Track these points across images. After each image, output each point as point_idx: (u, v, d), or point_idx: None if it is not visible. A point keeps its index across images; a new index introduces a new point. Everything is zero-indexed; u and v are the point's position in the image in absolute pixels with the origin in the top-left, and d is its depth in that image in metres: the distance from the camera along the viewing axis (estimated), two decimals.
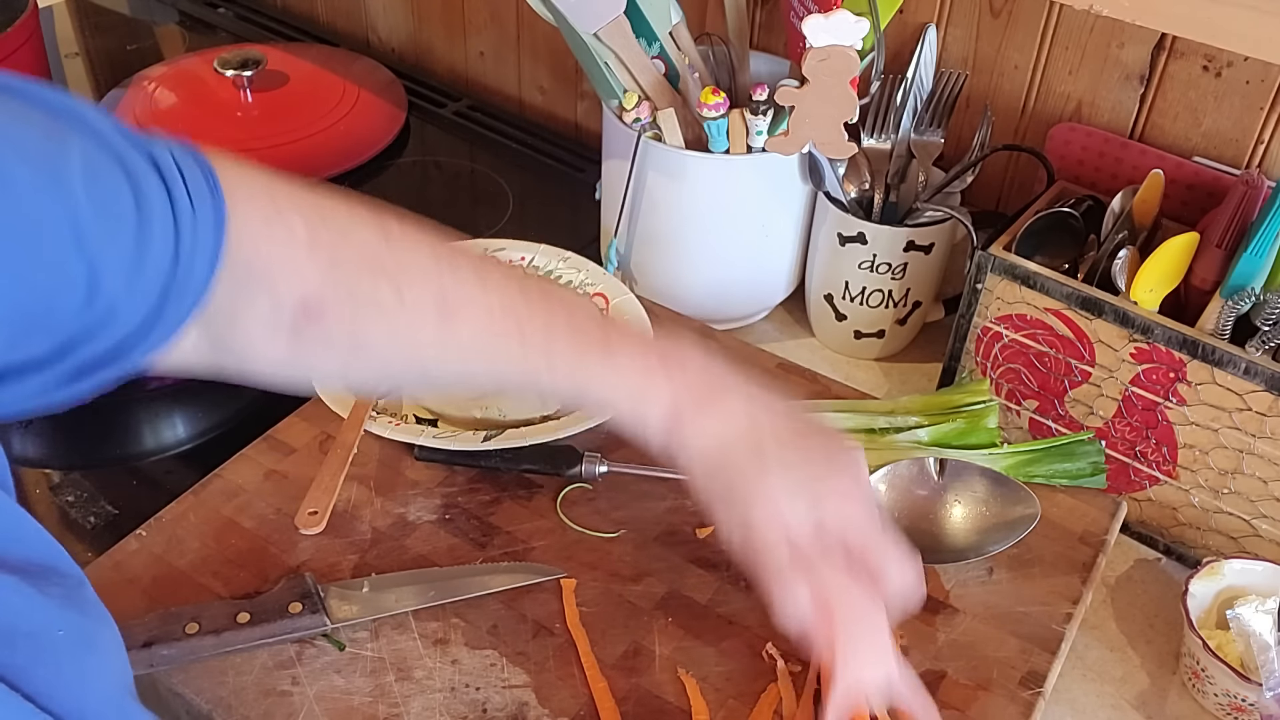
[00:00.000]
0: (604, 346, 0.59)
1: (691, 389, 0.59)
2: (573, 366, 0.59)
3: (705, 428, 0.59)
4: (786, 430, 0.60)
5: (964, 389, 0.88)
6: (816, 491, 0.59)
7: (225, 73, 1.24)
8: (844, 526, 0.59)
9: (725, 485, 0.59)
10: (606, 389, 0.59)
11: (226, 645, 0.69)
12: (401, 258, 0.56)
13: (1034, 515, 0.79)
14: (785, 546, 0.58)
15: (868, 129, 1.00)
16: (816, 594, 0.58)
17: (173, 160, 0.50)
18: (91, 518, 0.84)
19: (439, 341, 0.58)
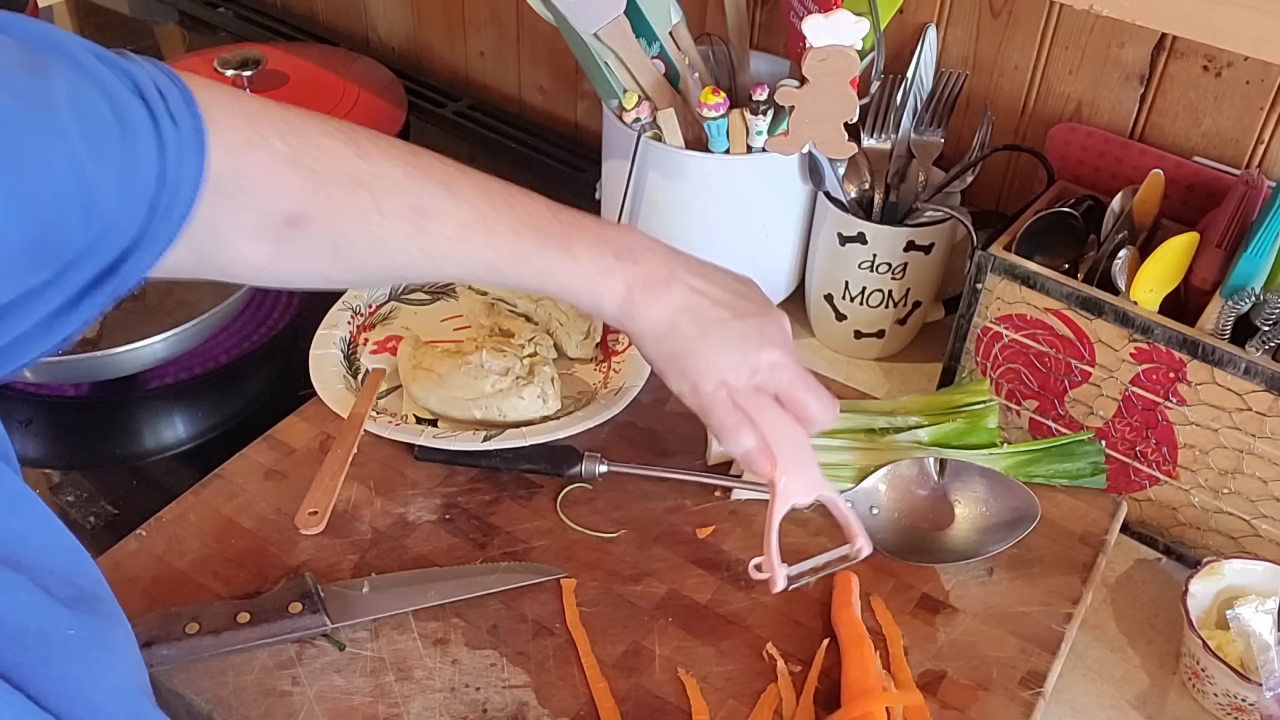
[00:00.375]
0: (564, 243, 0.65)
1: (642, 275, 0.66)
2: (536, 263, 0.64)
3: (654, 304, 0.66)
4: (722, 296, 0.68)
5: (964, 389, 0.88)
6: (750, 345, 0.68)
7: (225, 73, 1.24)
8: (774, 371, 0.68)
9: (672, 350, 0.67)
10: (567, 280, 0.65)
11: (226, 645, 0.69)
12: (377, 169, 0.60)
13: (1034, 515, 0.79)
14: (725, 393, 0.67)
15: (868, 129, 1.00)
16: (757, 432, 0.68)
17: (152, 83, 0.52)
18: (91, 518, 0.84)
19: (415, 247, 0.62)
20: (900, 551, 0.80)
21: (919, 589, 0.77)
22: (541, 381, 0.85)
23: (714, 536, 0.80)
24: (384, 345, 0.92)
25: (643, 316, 0.66)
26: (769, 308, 0.71)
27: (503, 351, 0.86)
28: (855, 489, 0.82)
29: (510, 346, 0.87)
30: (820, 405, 0.69)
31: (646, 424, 0.88)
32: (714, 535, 0.80)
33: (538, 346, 0.88)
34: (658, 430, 0.87)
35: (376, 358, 0.91)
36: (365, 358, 0.91)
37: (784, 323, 0.70)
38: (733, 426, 0.67)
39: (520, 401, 0.84)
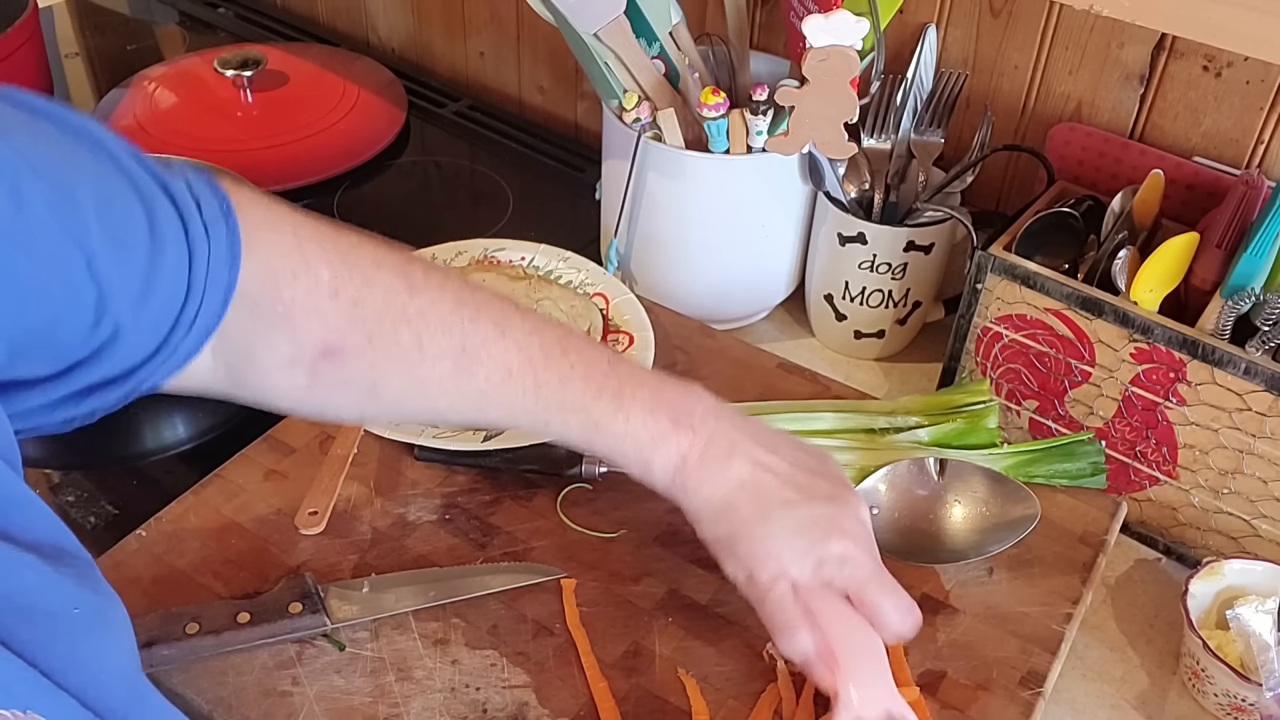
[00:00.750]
0: (616, 401, 0.61)
1: (699, 446, 0.61)
2: (584, 420, 0.61)
3: (710, 480, 0.61)
4: (790, 473, 0.63)
5: (964, 389, 0.88)
6: (817, 533, 0.61)
7: (225, 73, 1.24)
8: (843, 566, 0.61)
9: (728, 531, 0.62)
10: (616, 442, 0.61)
11: (226, 645, 0.69)
12: (424, 305, 0.57)
13: (1034, 515, 0.79)
14: (787, 586, 0.61)
15: (868, 129, 1.00)
16: (818, 632, 0.61)
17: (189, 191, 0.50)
18: (91, 518, 0.84)
19: (456, 389, 0.59)
20: (900, 552, 0.80)
21: (919, 589, 0.77)
22: None
23: None
24: None
25: (697, 493, 0.62)
26: (844, 490, 0.65)
27: None
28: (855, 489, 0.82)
29: None
30: (897, 610, 0.62)
31: None
32: None
33: None
34: None
35: None
36: None
37: (861, 510, 0.64)
38: (789, 625, 0.61)
39: None
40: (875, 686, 0.62)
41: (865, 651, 0.62)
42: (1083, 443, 0.84)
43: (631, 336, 0.92)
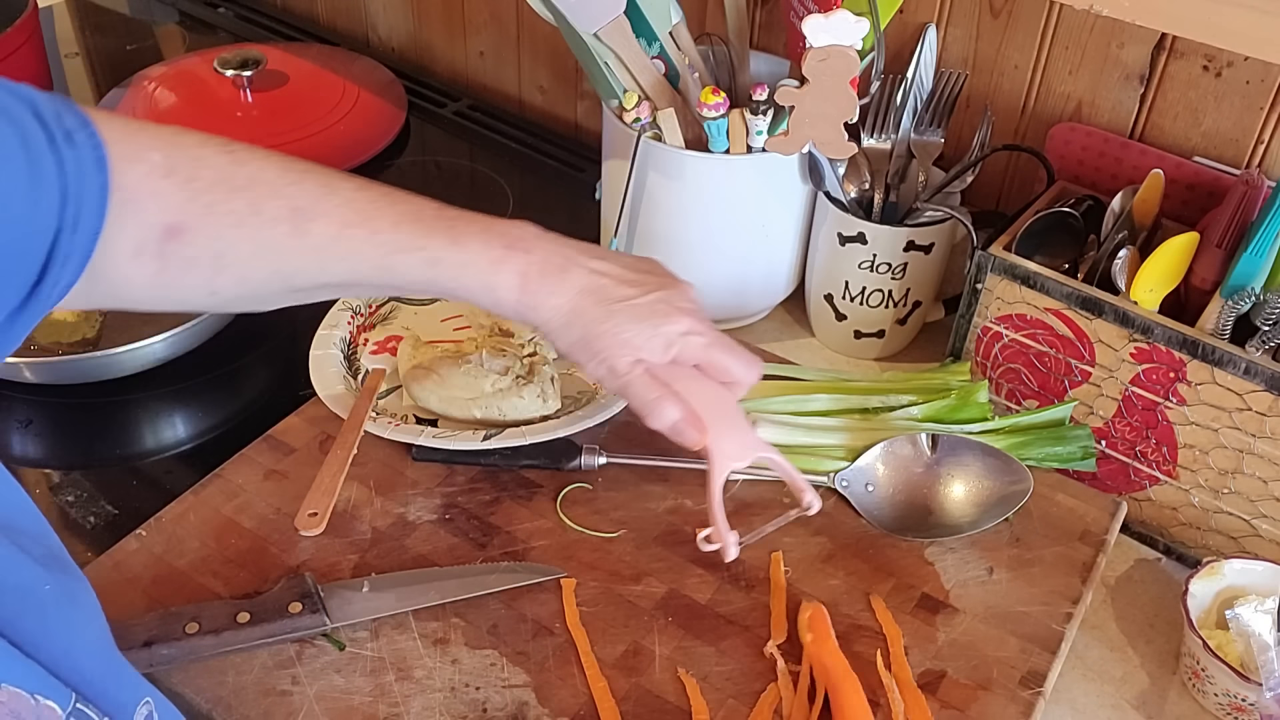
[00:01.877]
0: (450, 233, 0.64)
1: (536, 263, 0.65)
2: (424, 258, 0.63)
3: (553, 291, 0.65)
4: (623, 274, 0.68)
5: (948, 370, 0.90)
6: (659, 316, 0.67)
7: (225, 73, 1.24)
8: (688, 339, 0.67)
9: (581, 335, 0.66)
10: (457, 271, 0.64)
11: (226, 645, 0.69)
12: (253, 173, 0.61)
13: (1026, 489, 0.81)
14: (642, 369, 0.67)
15: (868, 129, 1.00)
16: (681, 400, 0.67)
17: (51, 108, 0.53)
18: (91, 518, 0.84)
19: (295, 247, 0.62)
20: (897, 528, 0.80)
21: (919, 588, 0.77)
22: (541, 381, 0.85)
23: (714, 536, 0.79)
24: (384, 345, 0.92)
25: (544, 305, 0.65)
26: (674, 280, 0.70)
27: (503, 351, 0.86)
28: (850, 467, 0.82)
29: (510, 346, 0.87)
30: (742, 364, 0.69)
31: None
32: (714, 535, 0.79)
33: (537, 346, 0.88)
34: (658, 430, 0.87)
35: (376, 358, 0.91)
36: (365, 358, 0.91)
37: (691, 292, 0.70)
38: (655, 400, 0.67)
39: (520, 401, 0.84)
40: (740, 435, 0.69)
41: (724, 408, 0.69)
42: (1072, 427, 0.86)
43: None
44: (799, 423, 0.86)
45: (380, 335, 0.93)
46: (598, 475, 0.83)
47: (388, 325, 0.94)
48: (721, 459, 0.68)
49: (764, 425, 0.84)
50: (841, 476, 0.82)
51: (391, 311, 0.95)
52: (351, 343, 0.91)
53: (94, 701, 0.47)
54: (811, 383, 0.91)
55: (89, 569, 0.75)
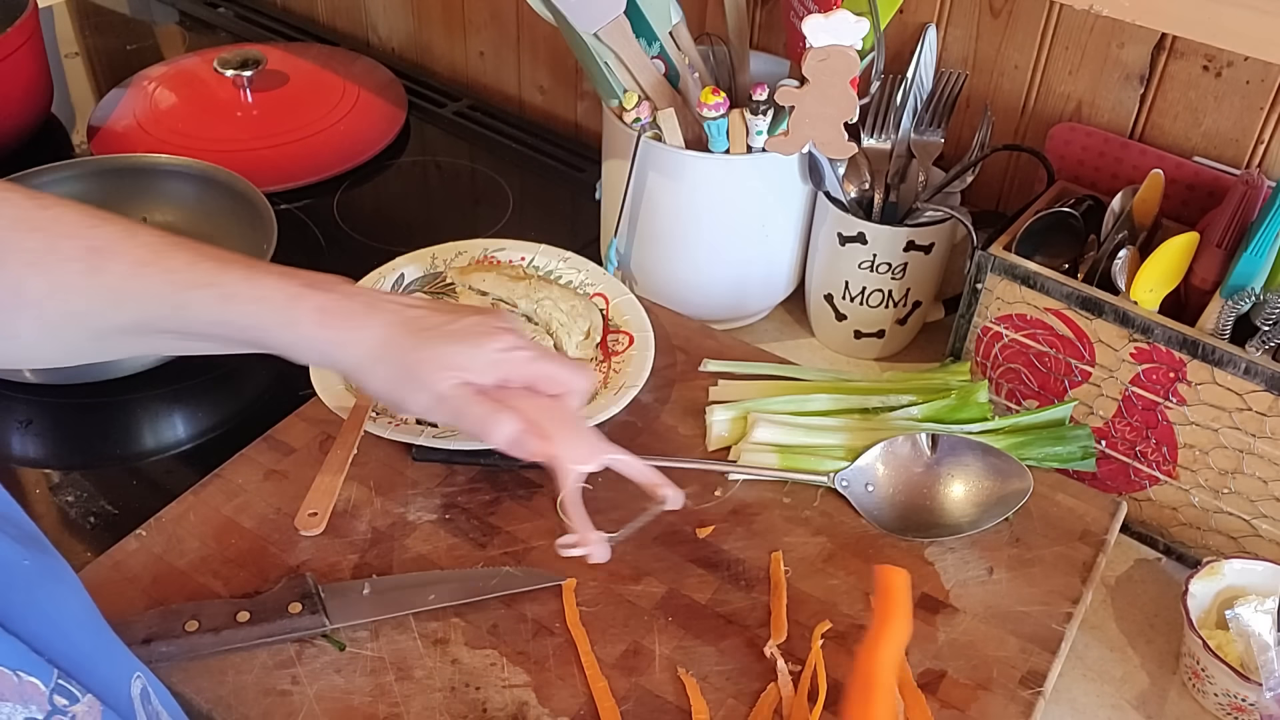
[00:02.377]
0: (247, 272, 0.62)
1: (337, 301, 0.63)
2: (218, 294, 0.62)
3: (359, 326, 0.63)
4: (435, 307, 0.66)
5: (948, 370, 0.90)
6: (478, 336, 0.65)
7: (225, 73, 1.24)
8: (511, 355, 0.65)
9: (396, 366, 0.63)
10: (253, 308, 0.62)
11: (226, 644, 0.69)
12: (54, 215, 0.60)
13: (1026, 488, 0.80)
14: (472, 389, 0.64)
15: (868, 129, 1.00)
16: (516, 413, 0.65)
17: None
18: (91, 518, 0.84)
19: (89, 286, 0.61)
20: (897, 528, 0.80)
21: (919, 588, 0.77)
22: None
23: (714, 536, 0.79)
24: None
25: (350, 340, 0.63)
26: (490, 309, 0.69)
27: None
28: (850, 467, 0.82)
29: None
30: (570, 371, 0.68)
31: (646, 423, 0.88)
32: (714, 535, 0.80)
33: None
34: (658, 430, 0.87)
35: None
36: None
37: (508, 317, 0.69)
38: (490, 413, 0.64)
39: None
40: (584, 439, 0.68)
41: (563, 416, 0.67)
42: (1071, 426, 0.86)
43: (631, 336, 0.92)
44: (799, 423, 0.86)
45: None
46: (598, 475, 0.83)
47: None
48: (569, 462, 0.67)
49: (764, 425, 0.84)
50: (841, 476, 0.82)
51: None
52: None
53: (79, 677, 0.46)
54: (811, 383, 0.91)
55: (89, 569, 0.75)
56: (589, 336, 0.92)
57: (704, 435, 0.87)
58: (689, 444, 0.86)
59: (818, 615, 0.74)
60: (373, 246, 1.11)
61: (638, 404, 0.87)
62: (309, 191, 1.19)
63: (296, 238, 1.11)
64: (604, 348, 0.93)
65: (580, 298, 0.93)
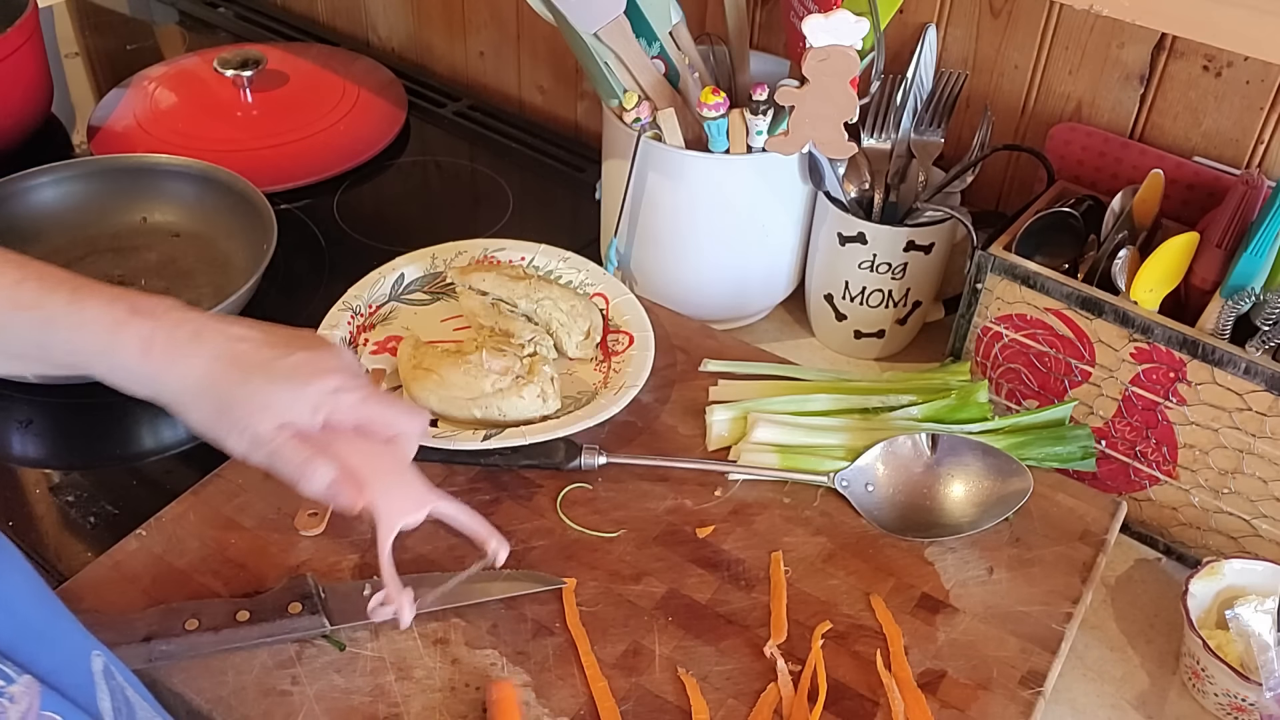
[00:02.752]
0: (72, 293, 0.59)
1: (163, 330, 0.60)
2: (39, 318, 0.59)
3: (182, 358, 0.61)
4: (264, 338, 0.63)
5: (948, 370, 0.90)
6: (303, 376, 0.62)
7: (225, 73, 1.24)
8: (338, 396, 0.62)
9: (216, 405, 0.61)
10: (72, 334, 0.60)
11: (226, 643, 0.69)
12: None
13: (1026, 488, 0.81)
14: (289, 433, 0.61)
15: (868, 129, 1.00)
16: (337, 464, 0.62)
17: None
18: (91, 518, 0.84)
19: None
20: (897, 528, 0.80)
21: (919, 588, 0.77)
22: (541, 381, 0.85)
23: (714, 536, 0.80)
24: (384, 345, 0.92)
25: (171, 373, 0.60)
26: (321, 342, 0.66)
27: (503, 351, 0.86)
28: (850, 467, 0.82)
29: (510, 346, 0.87)
30: (402, 413, 0.65)
31: (646, 423, 0.88)
32: (714, 535, 0.80)
33: (538, 346, 0.88)
34: (658, 430, 0.87)
35: (376, 358, 0.91)
36: (365, 358, 0.91)
37: (342, 353, 0.66)
38: (305, 461, 0.62)
39: (520, 401, 0.84)
40: (407, 490, 0.64)
41: (387, 464, 0.64)
42: (1072, 426, 0.86)
43: (631, 336, 0.92)
44: (799, 423, 0.86)
45: (380, 335, 0.93)
46: (598, 475, 0.83)
47: (388, 325, 0.94)
48: (388, 517, 0.64)
49: (764, 425, 0.84)
50: (841, 476, 0.82)
51: (391, 312, 0.95)
52: (351, 343, 0.91)
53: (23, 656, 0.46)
54: (811, 383, 0.91)
55: (89, 569, 0.75)
56: (589, 336, 0.92)
57: (704, 435, 0.87)
58: (689, 444, 0.86)
59: (818, 615, 0.74)
60: (373, 246, 1.11)
61: (638, 404, 0.87)
62: (309, 191, 1.19)
63: (296, 238, 1.11)
64: (604, 348, 0.93)
65: (580, 298, 0.93)
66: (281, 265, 0.98)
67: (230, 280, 1.02)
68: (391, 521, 0.64)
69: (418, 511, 0.65)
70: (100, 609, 0.72)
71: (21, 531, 0.83)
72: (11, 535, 0.82)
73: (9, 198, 1.04)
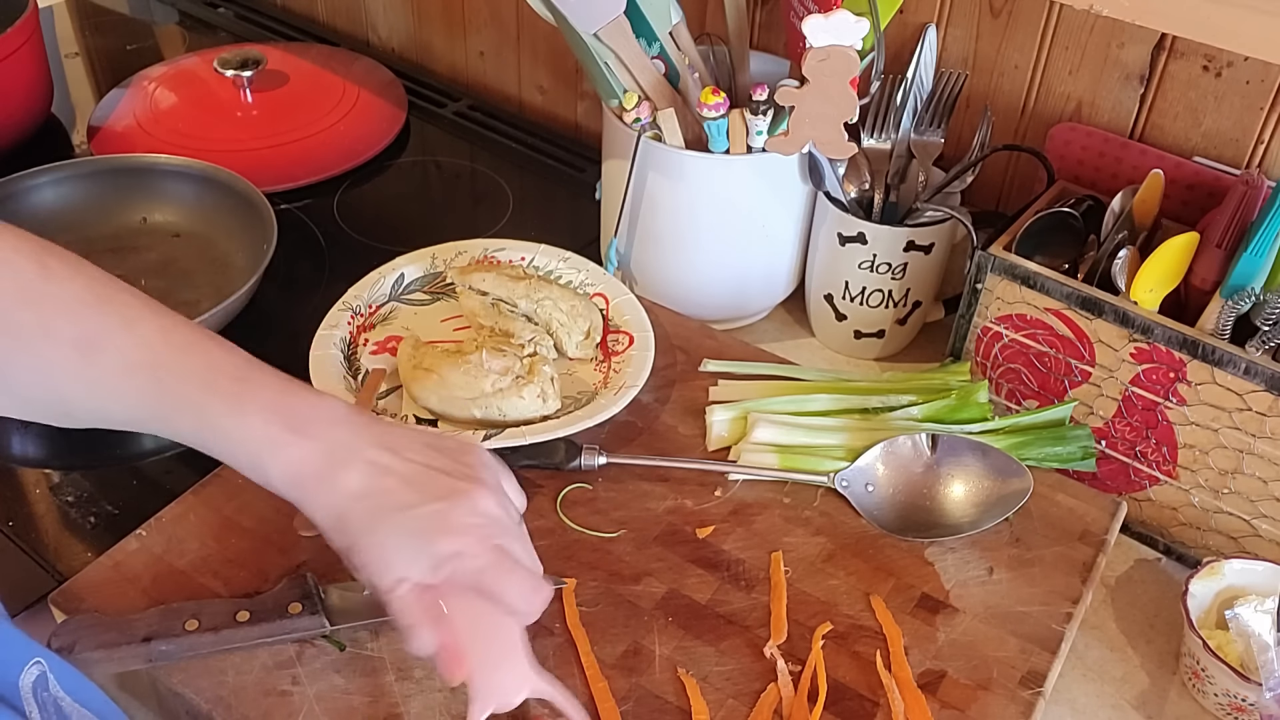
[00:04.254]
0: (234, 403, 0.59)
1: (315, 455, 0.60)
2: (197, 416, 0.59)
3: (325, 491, 0.60)
4: (410, 474, 0.61)
5: (948, 370, 0.90)
6: (428, 534, 0.60)
7: (225, 73, 1.24)
8: (459, 560, 0.60)
9: (347, 543, 0.61)
10: (230, 446, 0.60)
11: (226, 643, 0.69)
12: (54, 290, 0.58)
13: (1026, 489, 0.81)
14: (407, 589, 0.60)
15: (868, 129, 1.00)
16: (444, 628, 0.60)
17: None
18: (91, 518, 0.84)
19: (77, 377, 0.58)
20: (897, 528, 0.80)
21: (919, 588, 0.77)
22: (541, 381, 0.85)
23: (714, 536, 0.80)
24: (384, 345, 0.92)
25: (314, 504, 0.60)
26: (467, 483, 0.62)
27: (503, 351, 0.86)
28: (850, 467, 0.82)
29: (510, 346, 0.87)
30: (518, 593, 0.61)
31: (646, 424, 0.88)
32: (714, 535, 0.80)
33: (538, 346, 0.88)
34: (658, 430, 0.87)
35: (376, 358, 0.91)
36: (365, 358, 0.91)
37: (483, 501, 0.61)
38: (416, 624, 0.60)
39: (520, 401, 0.84)
40: (509, 670, 0.62)
41: (496, 638, 0.62)
42: (1072, 427, 0.86)
43: (631, 336, 0.92)
44: (799, 423, 0.86)
45: (380, 335, 0.93)
46: (598, 475, 0.83)
47: (388, 325, 0.94)
48: (484, 698, 0.62)
49: (764, 425, 0.84)
50: (841, 476, 0.82)
51: (391, 312, 0.95)
52: (351, 343, 0.91)
53: None
54: (811, 383, 0.91)
55: (89, 569, 0.75)
56: (589, 336, 0.92)
57: (704, 435, 0.87)
58: (689, 444, 0.86)
59: (818, 615, 0.74)
60: (373, 246, 1.11)
61: (638, 404, 0.87)
62: (309, 191, 1.19)
63: (296, 238, 1.11)
64: (604, 348, 0.93)
65: (580, 298, 0.93)
66: (281, 265, 0.98)
67: (230, 280, 1.02)
68: (486, 703, 0.62)
69: (515, 696, 0.63)
70: (100, 609, 0.72)
71: (21, 531, 0.83)
72: (11, 535, 0.82)
73: (9, 198, 1.04)
